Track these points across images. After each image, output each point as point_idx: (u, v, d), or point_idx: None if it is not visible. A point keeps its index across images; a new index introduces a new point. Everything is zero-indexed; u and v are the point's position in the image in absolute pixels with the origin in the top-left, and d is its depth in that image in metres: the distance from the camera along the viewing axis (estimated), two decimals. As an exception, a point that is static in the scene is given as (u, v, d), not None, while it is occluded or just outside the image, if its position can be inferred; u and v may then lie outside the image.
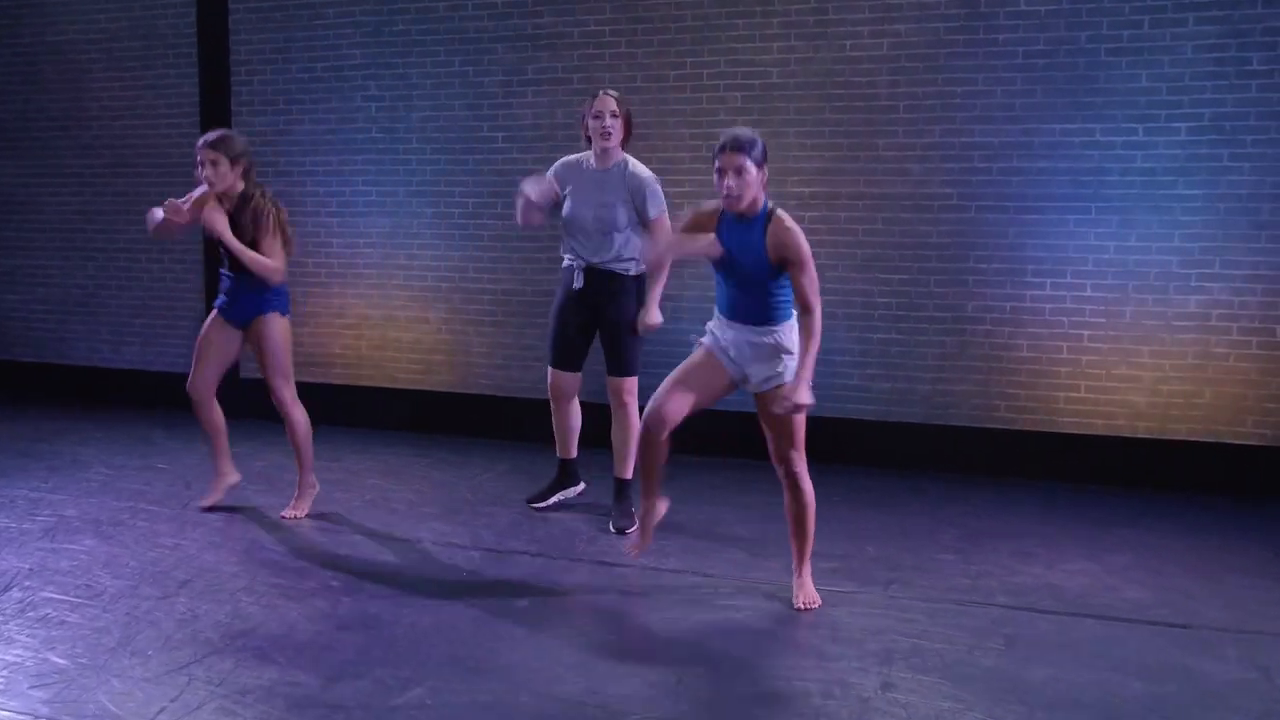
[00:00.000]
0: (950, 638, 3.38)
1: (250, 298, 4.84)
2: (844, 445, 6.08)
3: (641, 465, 3.75)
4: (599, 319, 4.82)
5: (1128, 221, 5.65)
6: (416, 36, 6.87)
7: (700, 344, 3.77)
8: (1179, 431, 5.66)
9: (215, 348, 4.88)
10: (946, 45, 5.87)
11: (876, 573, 4.00)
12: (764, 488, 5.34)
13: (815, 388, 4.13)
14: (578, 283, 4.77)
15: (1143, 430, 5.72)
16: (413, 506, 5.02)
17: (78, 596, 3.70)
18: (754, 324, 3.63)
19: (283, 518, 4.78)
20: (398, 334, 7.12)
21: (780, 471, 3.68)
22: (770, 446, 3.69)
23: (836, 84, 6.08)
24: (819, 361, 3.88)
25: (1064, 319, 5.80)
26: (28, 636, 3.36)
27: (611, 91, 4.90)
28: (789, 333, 3.64)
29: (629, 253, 4.82)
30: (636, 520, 4.24)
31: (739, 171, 3.45)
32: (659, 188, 4.86)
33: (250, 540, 4.41)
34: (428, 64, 6.86)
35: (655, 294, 4.69)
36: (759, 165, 3.56)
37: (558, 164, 5.03)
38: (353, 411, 7.18)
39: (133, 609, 3.60)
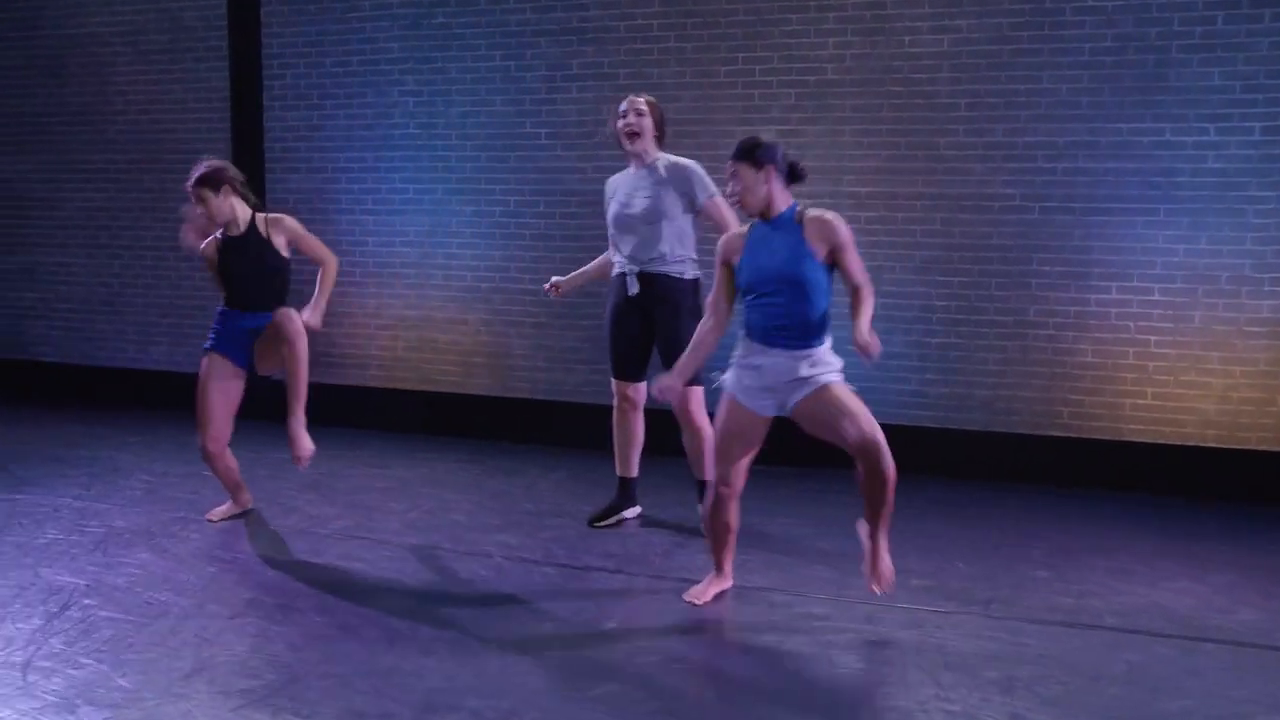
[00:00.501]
0: (1069, 664, 3.22)
1: (264, 318, 4.67)
2: (901, 452, 5.90)
3: (712, 533, 3.71)
4: (655, 326, 4.66)
5: (1198, 224, 5.50)
6: (456, 30, 6.69)
7: (724, 389, 3.64)
8: (1249, 440, 5.52)
9: (221, 394, 4.64)
10: (1010, 41, 5.70)
11: (974, 591, 3.84)
12: (835, 498, 5.21)
13: (871, 393, 4.06)
14: (632, 289, 4.61)
15: (1211, 439, 5.58)
16: (474, 518, 4.86)
17: (141, 615, 3.53)
18: (794, 346, 3.49)
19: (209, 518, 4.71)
20: (435, 335, 6.94)
21: (865, 457, 3.44)
22: (843, 442, 3.46)
23: (895, 81, 5.91)
24: (876, 366, 3.87)
25: (1130, 324, 5.65)
26: (94, 660, 3.19)
27: (640, 94, 4.87)
28: (826, 355, 3.54)
29: (681, 251, 4.65)
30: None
31: (734, 176, 3.57)
32: (704, 172, 4.72)
33: (310, 554, 4.24)
34: (467, 58, 6.68)
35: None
36: (760, 167, 3.57)
37: (607, 183, 4.99)
38: (388, 414, 7.02)
39: (201, 630, 3.43)
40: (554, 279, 5.17)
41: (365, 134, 6.97)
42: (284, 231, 4.72)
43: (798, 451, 5.79)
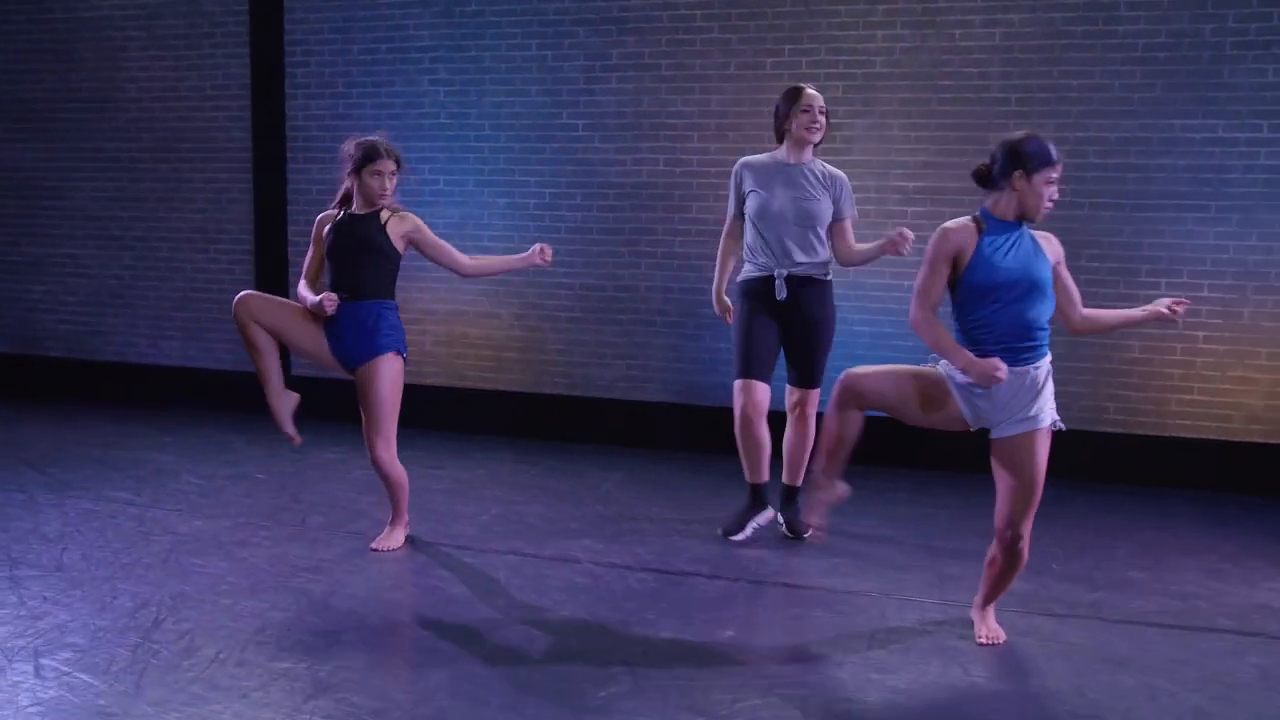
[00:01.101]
0: (1202, 668, 3.21)
1: (361, 327, 4.13)
2: (948, 452, 5.91)
3: (832, 437, 3.33)
4: (795, 328, 4.48)
5: (1249, 220, 5.53)
6: (491, 18, 6.55)
7: (937, 367, 3.37)
8: (1272, 434, 5.58)
9: (298, 328, 4.12)
10: (1063, 36, 5.69)
11: (1077, 594, 3.83)
12: (910, 496, 5.20)
13: None
14: (780, 293, 4.40)
15: (1258, 435, 5.63)
16: (551, 522, 4.74)
17: (245, 636, 3.39)
18: (1025, 360, 3.24)
19: (373, 550, 4.24)
20: (465, 330, 6.82)
21: (1005, 537, 3.27)
22: (1001, 506, 3.27)
23: (945, 75, 5.88)
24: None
25: (1179, 320, 5.66)
26: (218, 693, 3.04)
27: (814, 86, 4.71)
28: (1047, 365, 3.34)
29: (826, 253, 4.53)
30: (808, 524, 4.25)
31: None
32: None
33: (397, 563, 4.10)
34: (502, 47, 6.55)
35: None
36: None
37: (738, 165, 4.68)
38: (416, 410, 6.87)
39: (309, 648, 3.30)
40: (721, 306, 4.82)
41: (393, 123, 6.79)
42: (426, 239, 4.28)
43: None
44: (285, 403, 4.31)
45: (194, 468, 5.48)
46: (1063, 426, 3.44)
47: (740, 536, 4.50)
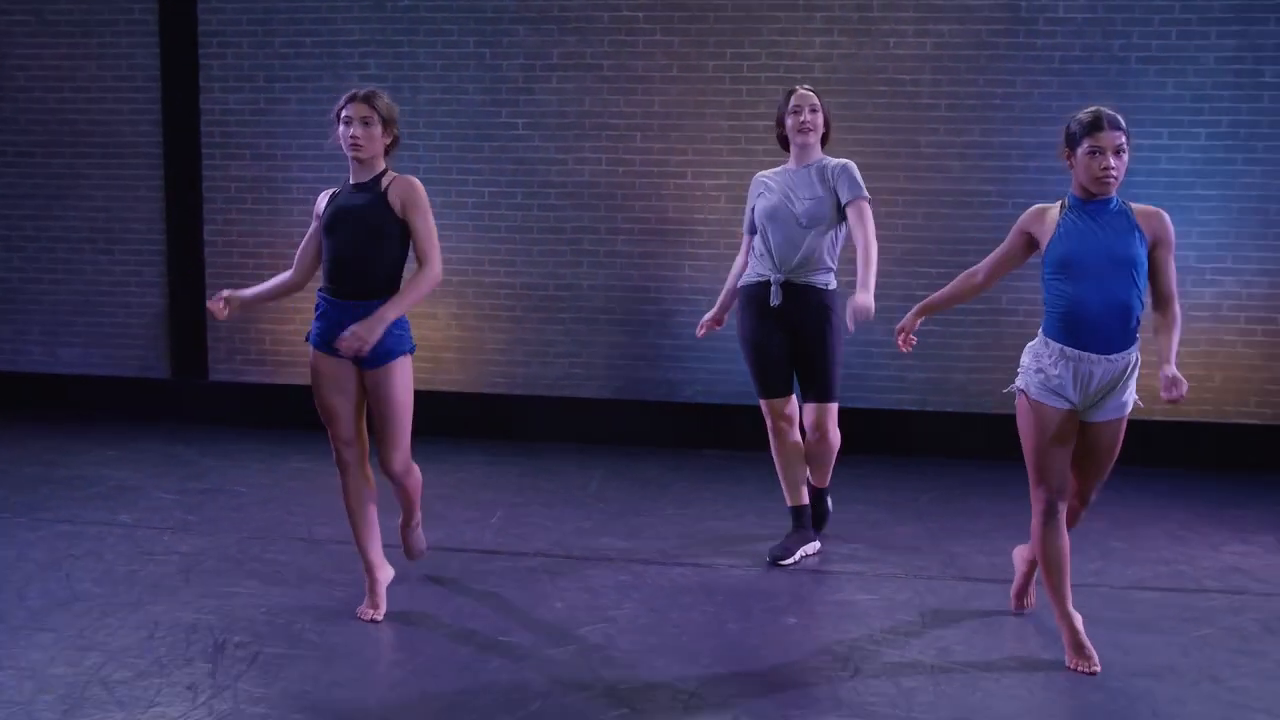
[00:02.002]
0: (1217, 626, 3.60)
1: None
2: (882, 435, 6.26)
3: (1053, 567, 3.28)
4: (798, 340, 4.30)
5: (1152, 219, 6.07)
6: (425, 14, 6.45)
7: (1020, 393, 3.35)
8: (1191, 413, 6.17)
9: (341, 393, 3.58)
10: (988, 48, 6.09)
11: (1079, 564, 4.07)
12: (885, 482, 5.47)
13: (853, 378, 4.38)
14: (775, 299, 4.23)
15: (1159, 413, 6.18)
16: (561, 522, 4.76)
17: (304, 648, 3.27)
18: (1115, 349, 3.22)
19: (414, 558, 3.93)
20: (401, 330, 6.69)
21: (1074, 505, 3.36)
22: (1075, 482, 3.35)
23: (879, 81, 6.19)
24: (859, 351, 3.96)
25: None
26: (302, 706, 2.95)
27: (808, 86, 4.51)
28: (1137, 354, 3.30)
29: (829, 260, 4.34)
30: (797, 554, 4.22)
31: (1119, 151, 3.12)
32: (856, 170, 4.40)
33: (435, 570, 4.00)
34: (438, 44, 6.47)
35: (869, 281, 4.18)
36: None
37: (752, 181, 4.51)
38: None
39: (373, 662, 3.24)
40: (712, 319, 4.65)
41: (321, 119, 6.54)
42: (417, 208, 3.58)
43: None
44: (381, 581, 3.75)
45: (158, 483, 5.20)
46: (1141, 404, 3.47)
47: (789, 562, 4.26)
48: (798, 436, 4.38)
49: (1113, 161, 3.10)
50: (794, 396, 4.43)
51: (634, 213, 6.43)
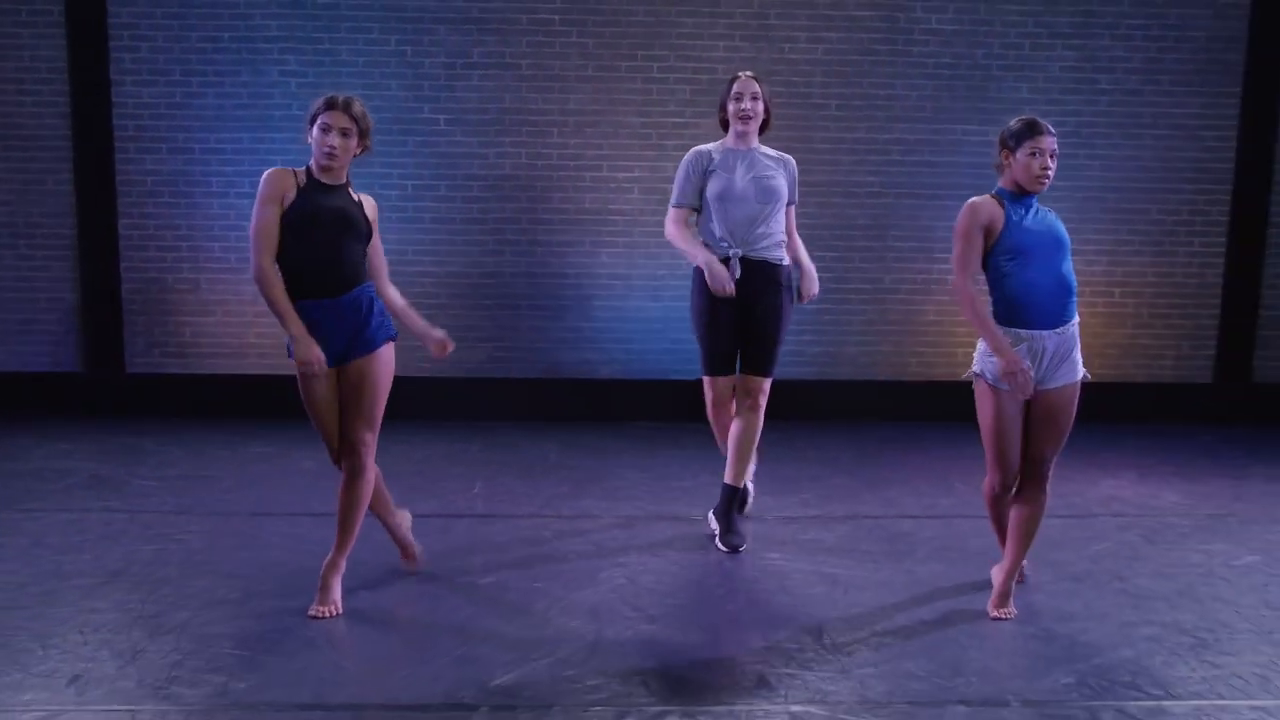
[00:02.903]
0: (1114, 541, 4.37)
1: (352, 322, 3.53)
2: (785, 403, 6.89)
3: (1003, 527, 3.62)
4: (753, 314, 4.32)
5: (1012, 206, 6.95)
6: (345, 11, 6.65)
7: (978, 377, 3.58)
8: (1046, 374, 7.09)
9: (330, 406, 3.56)
10: (871, 54, 6.81)
11: (977, 502, 4.85)
12: (800, 448, 6.06)
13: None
14: (735, 273, 4.25)
15: (1021, 375, 7.10)
16: (538, 488, 5.13)
17: (405, 610, 3.54)
18: (1063, 322, 3.49)
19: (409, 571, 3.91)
20: (326, 320, 6.88)
21: (1031, 473, 3.58)
22: (1037, 449, 3.57)
23: (776, 82, 6.80)
24: None
25: (963, 287, 7.01)
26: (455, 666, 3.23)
27: (751, 74, 4.50)
28: (1077, 322, 3.56)
29: (781, 235, 4.41)
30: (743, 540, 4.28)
31: (1053, 154, 3.51)
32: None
33: (469, 533, 4.23)
34: (359, 41, 6.68)
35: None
36: None
37: (688, 155, 4.49)
38: (275, 402, 6.86)
39: (434, 611, 3.56)
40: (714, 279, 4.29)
41: (241, 114, 6.71)
42: (369, 209, 3.70)
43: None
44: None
45: (132, 471, 5.25)
46: (1089, 377, 3.71)
47: (743, 543, 4.34)
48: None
49: (1050, 162, 3.51)
50: (732, 376, 4.46)
51: (552, 203, 6.84)
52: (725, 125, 4.53)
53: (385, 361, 3.60)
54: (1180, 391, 7.17)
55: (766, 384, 4.39)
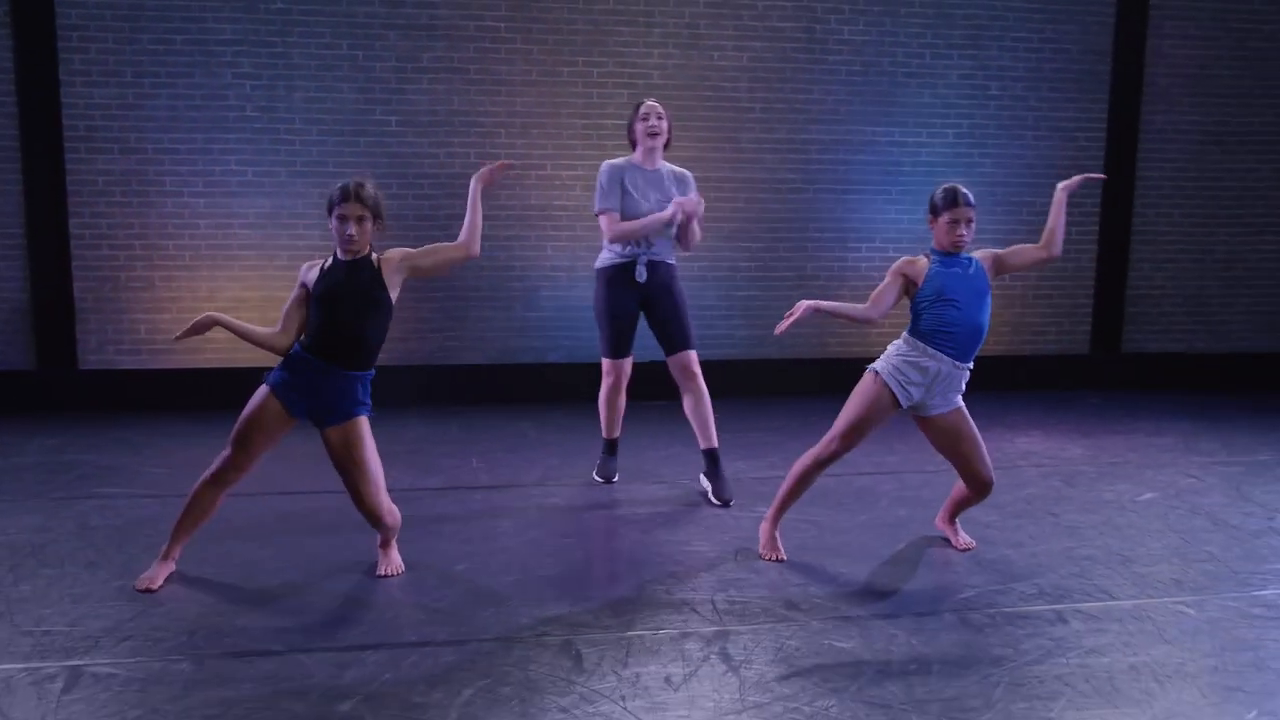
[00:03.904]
0: (1036, 489, 5.05)
1: (343, 394, 3.73)
2: (717, 381, 7.48)
3: (795, 489, 4.12)
4: (658, 305, 4.97)
5: (917, 200, 7.71)
6: (298, 16, 6.90)
7: (875, 373, 3.98)
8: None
9: (268, 438, 3.73)
10: (791, 61, 7.46)
11: (911, 461, 5.51)
12: (778, 415, 6.62)
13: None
14: (641, 276, 4.91)
15: (926, 352, 7.88)
16: (539, 460, 5.55)
17: (474, 575, 3.92)
18: (970, 359, 3.92)
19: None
20: (279, 315, 7.10)
21: (981, 489, 4.09)
22: (968, 464, 4.05)
23: (706, 87, 7.39)
24: (695, 313, 4.89)
25: (874, 274, 7.75)
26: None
27: (655, 99, 5.17)
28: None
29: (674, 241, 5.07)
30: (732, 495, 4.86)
31: (969, 221, 3.93)
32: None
33: (501, 503, 4.56)
34: (311, 45, 6.94)
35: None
36: None
37: (609, 168, 4.98)
38: (230, 395, 7.06)
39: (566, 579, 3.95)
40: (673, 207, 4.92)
41: (194, 115, 6.88)
42: (393, 264, 3.82)
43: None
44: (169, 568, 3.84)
45: (139, 461, 5.42)
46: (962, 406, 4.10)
47: (616, 479, 5.22)
48: (624, 394, 5.16)
49: (964, 230, 3.92)
50: (631, 356, 5.09)
51: (500, 201, 7.24)
52: (634, 144, 5.07)
53: (364, 436, 3.75)
54: (1062, 362, 8.09)
55: (695, 355, 5.01)
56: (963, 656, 3.20)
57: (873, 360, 4.12)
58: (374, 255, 3.81)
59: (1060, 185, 4.22)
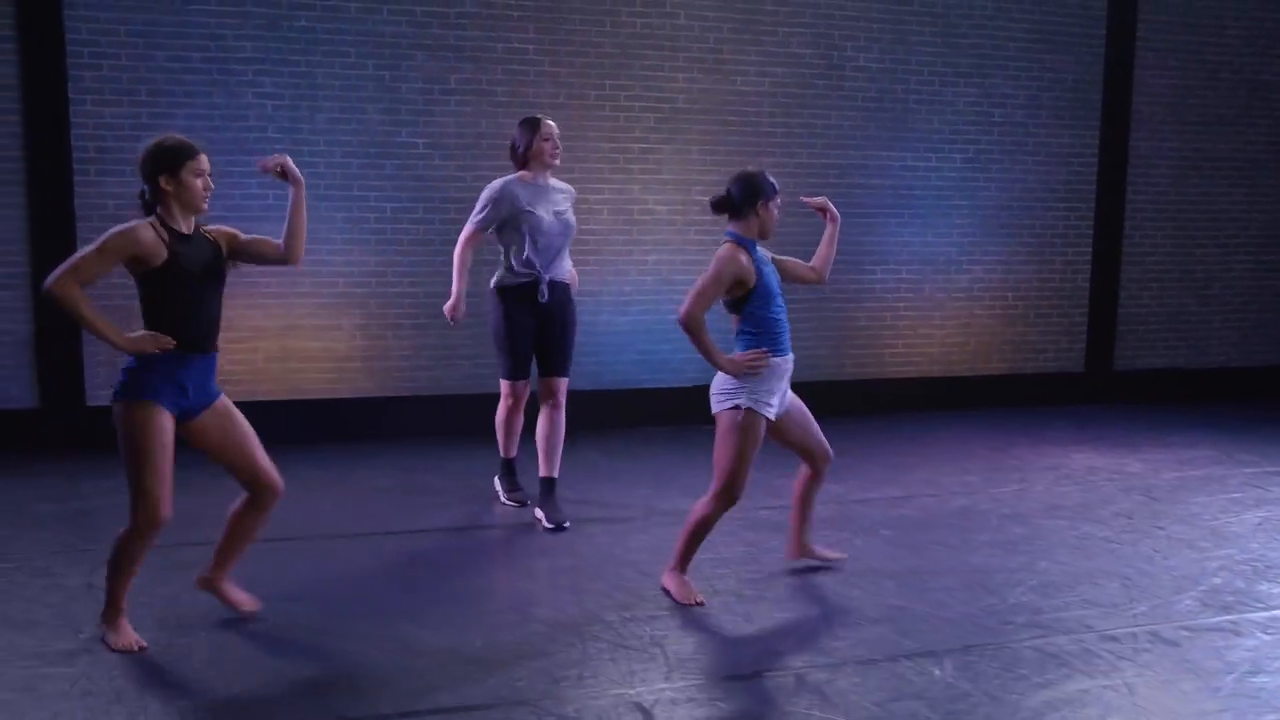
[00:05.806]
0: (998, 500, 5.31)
1: (211, 375, 3.60)
2: (632, 409, 7.53)
3: (697, 535, 3.99)
4: (551, 325, 5.14)
5: (926, 224, 7.91)
6: (322, 35, 6.67)
7: (744, 409, 3.86)
8: (957, 369, 8.12)
9: (170, 456, 3.48)
10: (811, 87, 7.56)
11: (893, 478, 5.64)
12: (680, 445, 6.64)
13: (602, 364, 5.45)
14: (544, 296, 5.07)
15: (938, 371, 8.08)
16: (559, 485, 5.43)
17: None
18: (788, 351, 4.01)
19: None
20: (303, 343, 6.84)
21: (820, 468, 4.20)
22: (814, 446, 4.17)
23: (730, 111, 7.43)
24: (607, 340, 5.16)
25: (888, 295, 7.91)
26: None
27: (550, 119, 5.34)
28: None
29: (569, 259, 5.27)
30: (566, 518, 4.97)
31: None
32: None
33: (513, 527, 4.54)
34: (336, 65, 6.71)
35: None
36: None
37: (499, 186, 5.15)
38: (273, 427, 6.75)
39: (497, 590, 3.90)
40: (451, 309, 5.32)
41: (213, 135, 6.55)
42: (224, 238, 3.63)
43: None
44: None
45: (180, 500, 5.11)
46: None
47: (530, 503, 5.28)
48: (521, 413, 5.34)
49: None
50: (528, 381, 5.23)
51: (527, 225, 7.11)
52: (523, 163, 5.20)
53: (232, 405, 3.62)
54: (1058, 379, 8.38)
55: (565, 382, 5.23)
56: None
57: (891, 378, 4.24)
58: (201, 230, 3.55)
59: (813, 204, 4.53)
